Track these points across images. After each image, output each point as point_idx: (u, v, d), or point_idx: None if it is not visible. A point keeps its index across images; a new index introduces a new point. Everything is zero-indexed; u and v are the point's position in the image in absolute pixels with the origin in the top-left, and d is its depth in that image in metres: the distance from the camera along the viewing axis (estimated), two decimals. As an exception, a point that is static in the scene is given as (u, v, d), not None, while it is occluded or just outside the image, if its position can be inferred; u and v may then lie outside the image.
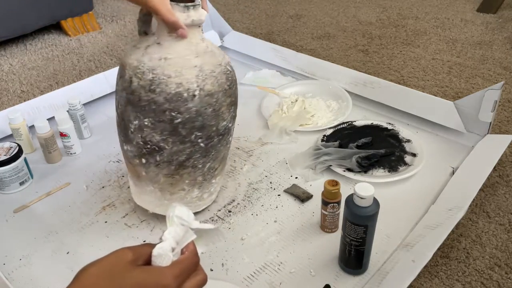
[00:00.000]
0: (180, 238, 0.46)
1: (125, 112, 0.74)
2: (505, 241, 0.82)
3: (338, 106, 1.19)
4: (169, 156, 0.75)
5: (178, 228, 0.47)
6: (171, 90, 0.70)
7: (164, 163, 0.76)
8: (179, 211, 0.47)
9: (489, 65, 1.46)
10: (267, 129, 1.13)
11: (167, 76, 0.71)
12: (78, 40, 1.80)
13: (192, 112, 0.72)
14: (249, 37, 1.49)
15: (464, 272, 0.77)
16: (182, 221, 0.47)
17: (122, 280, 0.41)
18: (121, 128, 0.78)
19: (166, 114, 0.71)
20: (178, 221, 0.47)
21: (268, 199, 0.91)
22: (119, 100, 0.76)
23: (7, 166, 0.93)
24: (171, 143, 0.74)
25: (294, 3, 2.13)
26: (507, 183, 0.95)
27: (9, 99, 1.39)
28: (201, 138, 0.75)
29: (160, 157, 0.75)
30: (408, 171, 0.94)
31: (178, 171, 0.77)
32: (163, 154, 0.75)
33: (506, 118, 1.18)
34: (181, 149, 0.75)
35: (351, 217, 0.68)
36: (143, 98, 0.71)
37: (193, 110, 0.72)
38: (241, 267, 0.77)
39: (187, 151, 0.75)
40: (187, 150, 0.75)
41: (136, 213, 0.89)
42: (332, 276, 0.74)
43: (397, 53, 1.57)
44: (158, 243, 0.45)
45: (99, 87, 1.25)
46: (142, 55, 0.73)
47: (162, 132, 0.73)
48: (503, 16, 1.86)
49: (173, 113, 0.71)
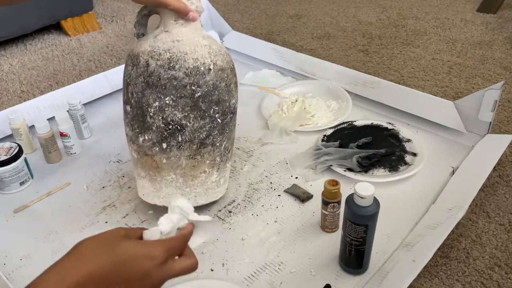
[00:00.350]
0: (173, 225, 0.49)
1: (143, 98, 0.76)
2: (505, 241, 0.82)
3: (338, 106, 1.19)
4: (191, 134, 0.78)
5: (173, 216, 0.49)
6: (190, 64, 0.75)
7: (186, 143, 0.78)
8: (181, 202, 0.50)
9: (489, 65, 1.46)
10: (267, 129, 1.13)
11: (183, 53, 0.76)
12: (78, 40, 1.80)
13: (209, 85, 0.77)
14: (249, 37, 1.49)
15: (464, 272, 0.77)
16: (182, 211, 0.50)
17: (116, 249, 0.45)
18: (136, 119, 0.79)
19: (187, 89, 0.76)
20: (178, 211, 0.50)
21: (269, 199, 0.91)
22: (134, 90, 0.78)
23: (7, 166, 0.93)
24: (193, 119, 0.77)
25: (294, 3, 2.13)
26: (507, 183, 0.95)
27: (9, 99, 1.39)
28: (218, 113, 0.79)
29: (182, 137, 0.78)
30: (409, 171, 0.94)
31: (199, 150, 0.80)
32: (185, 133, 0.77)
33: (506, 118, 1.18)
34: (202, 125, 0.78)
35: (351, 216, 0.68)
36: (163, 76, 0.75)
37: (210, 83, 0.77)
38: (242, 267, 0.77)
39: (207, 127, 0.79)
40: (207, 126, 0.79)
41: (137, 213, 0.89)
42: (333, 276, 0.74)
43: (397, 53, 1.57)
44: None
45: (99, 87, 1.25)
46: (154, 41, 0.77)
47: (183, 108, 0.76)
48: (503, 16, 1.86)
49: (194, 87, 0.76)
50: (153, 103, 0.76)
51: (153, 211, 0.89)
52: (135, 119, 0.79)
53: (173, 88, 0.75)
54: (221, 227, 0.85)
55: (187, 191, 0.82)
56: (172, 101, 0.76)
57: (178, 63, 0.75)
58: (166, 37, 0.77)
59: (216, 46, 0.80)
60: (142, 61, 0.76)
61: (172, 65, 0.75)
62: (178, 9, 0.75)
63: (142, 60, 0.76)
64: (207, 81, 0.77)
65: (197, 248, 0.81)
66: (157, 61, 0.75)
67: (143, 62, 0.76)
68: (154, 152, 0.79)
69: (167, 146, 0.78)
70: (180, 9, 0.75)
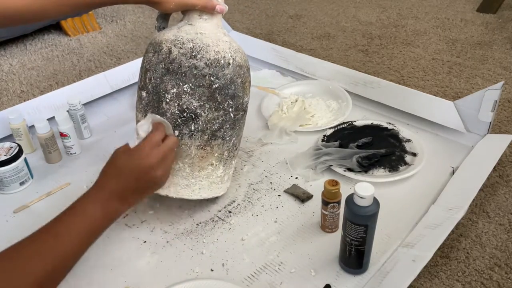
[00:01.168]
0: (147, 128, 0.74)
1: (161, 84, 0.78)
2: (505, 241, 0.82)
3: (338, 106, 1.19)
4: (203, 124, 0.79)
5: (145, 121, 0.74)
6: (211, 56, 0.78)
7: (198, 133, 0.79)
8: (154, 116, 0.75)
9: (489, 65, 1.46)
10: (267, 129, 1.13)
11: (206, 44, 0.78)
12: (78, 40, 1.80)
13: (227, 78, 0.79)
14: (249, 37, 1.49)
15: (464, 272, 0.77)
16: (153, 117, 0.75)
17: (119, 163, 0.71)
18: (151, 105, 0.80)
19: (206, 79, 0.77)
20: (149, 116, 0.75)
21: (268, 200, 0.91)
22: (152, 76, 0.79)
23: (7, 166, 0.93)
24: (207, 109, 0.79)
25: (294, 3, 2.13)
26: (507, 183, 0.95)
27: (9, 99, 1.39)
28: (231, 107, 0.81)
29: (195, 126, 0.79)
30: (409, 171, 0.94)
31: (210, 142, 0.81)
32: (198, 122, 0.79)
33: (506, 118, 1.18)
34: (215, 117, 0.80)
35: (351, 217, 0.68)
36: (184, 64, 0.77)
37: (228, 77, 0.79)
38: (242, 267, 0.77)
39: (220, 119, 0.80)
40: (220, 119, 0.80)
41: (137, 213, 0.89)
42: (333, 276, 0.74)
43: (397, 53, 1.57)
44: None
45: (99, 87, 1.25)
46: (178, 32, 0.80)
47: (200, 98, 0.78)
48: (503, 16, 1.86)
49: (212, 78, 0.78)
50: (171, 89, 0.77)
51: (153, 211, 0.89)
52: (149, 104, 0.80)
53: (193, 77, 0.77)
54: (221, 227, 0.85)
55: (192, 182, 0.83)
56: (190, 89, 0.77)
57: (200, 53, 0.77)
58: (189, 29, 0.80)
59: (235, 44, 0.83)
60: (165, 48, 0.78)
61: (194, 54, 0.77)
62: (206, 7, 0.80)
63: (164, 47, 0.79)
64: (225, 74, 0.79)
65: (197, 248, 0.81)
66: (180, 49, 0.77)
67: (165, 49, 0.78)
68: None
69: (179, 134, 0.79)
70: (207, 6, 0.80)
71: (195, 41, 0.78)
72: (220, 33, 0.82)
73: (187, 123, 0.78)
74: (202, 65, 0.77)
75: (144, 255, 0.80)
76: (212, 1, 0.80)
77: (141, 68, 0.83)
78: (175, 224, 0.86)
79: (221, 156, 0.84)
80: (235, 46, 0.82)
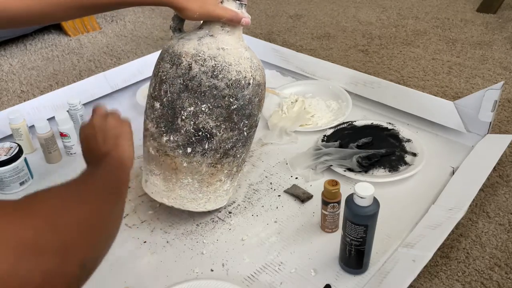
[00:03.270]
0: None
1: (178, 100, 0.76)
2: (505, 241, 0.82)
3: (338, 106, 1.19)
4: (217, 144, 0.78)
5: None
6: (232, 76, 0.76)
7: (211, 151, 0.78)
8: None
9: (489, 65, 1.46)
10: (267, 129, 1.13)
11: (228, 63, 0.76)
12: (78, 40, 1.80)
13: (246, 99, 0.78)
14: (249, 37, 1.49)
15: (464, 272, 0.77)
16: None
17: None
18: (164, 118, 0.78)
19: (225, 100, 0.76)
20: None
21: (269, 200, 0.91)
22: (169, 89, 0.76)
23: (7, 166, 0.93)
24: (223, 130, 0.78)
25: (294, 3, 2.13)
26: (507, 183, 0.95)
27: (9, 99, 1.39)
28: (246, 126, 0.80)
29: (209, 145, 0.78)
30: (409, 171, 0.94)
31: (221, 160, 0.80)
32: (213, 142, 0.78)
33: (506, 118, 1.18)
34: (230, 137, 0.79)
35: (351, 216, 0.68)
36: (204, 83, 0.75)
37: (247, 97, 0.78)
38: (242, 267, 0.77)
39: (234, 138, 0.80)
40: (234, 138, 0.79)
41: (137, 214, 0.89)
42: (333, 276, 0.74)
43: (397, 53, 1.57)
44: None
45: (99, 87, 1.25)
46: (198, 44, 0.77)
47: (217, 118, 0.76)
48: (503, 16, 1.86)
49: (232, 99, 0.76)
50: (188, 107, 0.75)
51: (153, 211, 0.89)
52: (163, 117, 0.78)
53: (212, 97, 0.75)
54: (221, 228, 0.85)
55: (200, 196, 0.82)
56: (208, 109, 0.75)
57: (221, 73, 0.75)
58: (211, 43, 0.77)
59: (256, 60, 0.81)
60: (185, 62, 0.75)
61: (216, 74, 0.75)
62: (232, 20, 0.76)
63: (184, 62, 0.75)
64: (245, 95, 0.77)
65: (198, 248, 0.81)
66: (201, 66, 0.75)
67: (185, 64, 0.75)
68: (176, 154, 0.78)
69: (192, 151, 0.78)
70: (233, 20, 0.76)
71: (217, 58, 0.75)
72: (242, 48, 0.79)
73: (201, 142, 0.77)
74: (223, 85, 0.75)
75: (144, 255, 0.80)
76: (239, 15, 0.77)
77: (155, 75, 0.80)
78: (175, 224, 0.86)
79: (230, 172, 0.83)
80: (256, 63, 0.80)
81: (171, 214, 0.89)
